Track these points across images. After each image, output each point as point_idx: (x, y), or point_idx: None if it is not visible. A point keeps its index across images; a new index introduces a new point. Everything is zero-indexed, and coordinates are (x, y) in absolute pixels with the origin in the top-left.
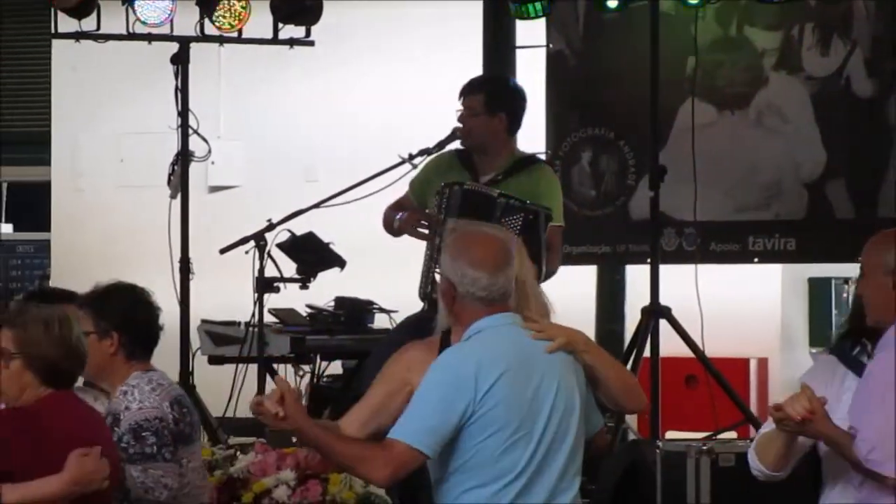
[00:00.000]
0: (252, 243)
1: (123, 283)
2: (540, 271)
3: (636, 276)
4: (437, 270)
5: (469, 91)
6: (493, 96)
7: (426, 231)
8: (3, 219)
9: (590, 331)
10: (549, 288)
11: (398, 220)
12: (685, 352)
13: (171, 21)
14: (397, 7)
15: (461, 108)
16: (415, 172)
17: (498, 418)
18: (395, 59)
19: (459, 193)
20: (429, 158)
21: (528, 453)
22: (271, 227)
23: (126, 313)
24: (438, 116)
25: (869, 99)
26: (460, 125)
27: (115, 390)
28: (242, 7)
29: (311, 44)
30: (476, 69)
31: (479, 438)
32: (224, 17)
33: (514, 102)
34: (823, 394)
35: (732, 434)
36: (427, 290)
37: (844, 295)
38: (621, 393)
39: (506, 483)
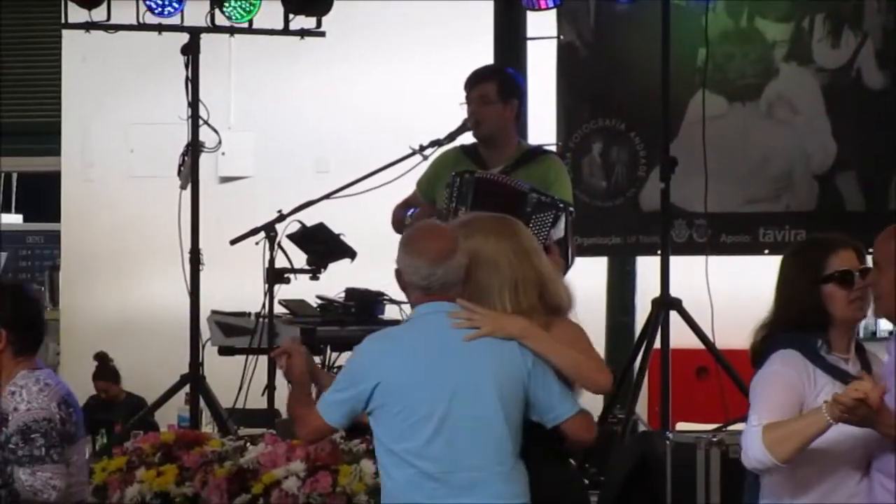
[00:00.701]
0: (262, 234)
1: (9, 280)
2: (567, 266)
3: (647, 268)
4: None
5: (480, 80)
6: (504, 83)
7: None
8: (13, 209)
9: (600, 322)
10: None
11: (409, 216)
12: (696, 343)
13: (182, 12)
14: None
15: (467, 99)
16: (422, 170)
17: (394, 402)
18: (407, 50)
19: (472, 182)
20: (434, 156)
21: (425, 435)
22: (282, 217)
23: (13, 311)
24: (449, 107)
25: (879, 91)
26: (472, 116)
27: (3, 388)
28: None
29: (322, 35)
30: (487, 60)
31: (384, 421)
32: (235, 7)
33: (521, 89)
34: (803, 390)
35: (743, 426)
36: None
37: None
38: (576, 376)
39: (412, 463)
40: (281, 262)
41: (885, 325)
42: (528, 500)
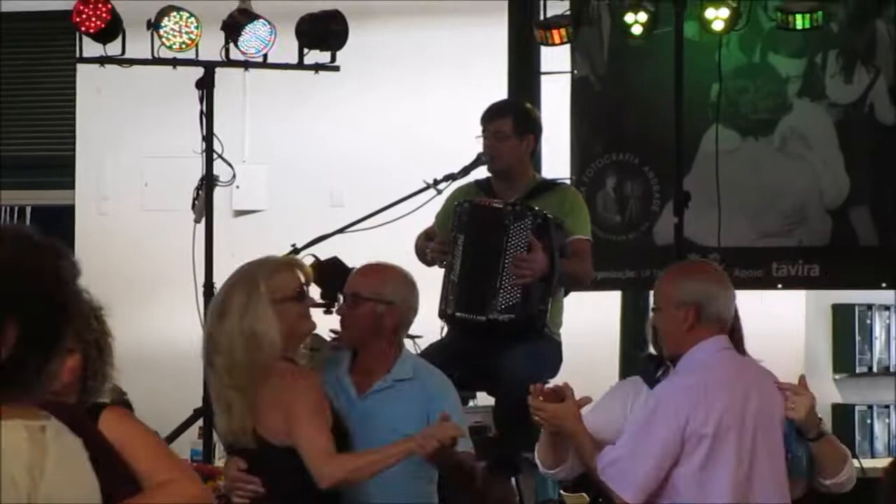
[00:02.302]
0: None
1: None
2: (553, 275)
3: None
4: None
5: (496, 115)
6: (520, 119)
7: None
8: None
9: (614, 356)
10: (574, 314)
11: (429, 251)
12: None
13: (197, 46)
14: (422, 32)
15: (483, 133)
16: (436, 204)
17: None
18: (420, 85)
19: (468, 209)
20: (451, 191)
21: None
22: (296, 251)
23: None
24: (464, 142)
25: (892, 126)
26: (487, 151)
27: None
28: (268, 32)
29: (337, 69)
30: (501, 95)
31: None
32: (249, 42)
33: (537, 125)
34: (623, 410)
35: None
36: (442, 310)
37: (868, 321)
38: None
39: None
40: None
41: None
42: None
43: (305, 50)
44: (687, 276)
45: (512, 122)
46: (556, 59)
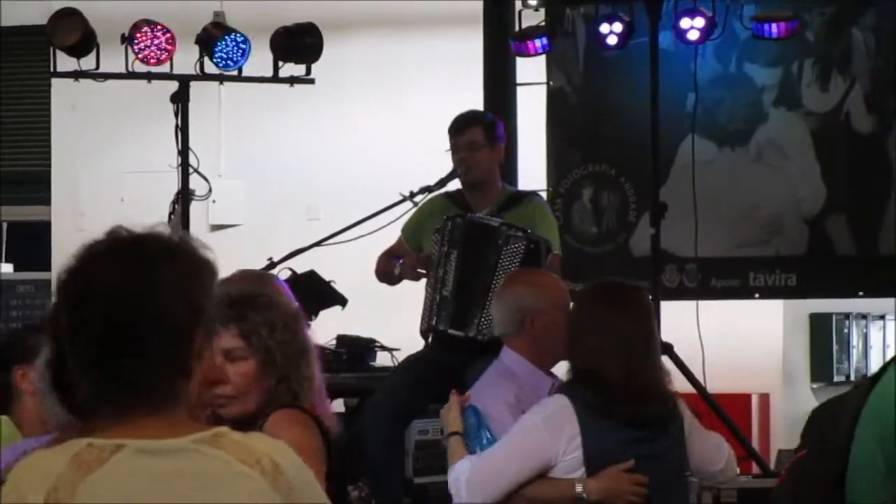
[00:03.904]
0: None
1: None
2: None
3: None
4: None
5: (466, 125)
6: (489, 128)
7: (423, 272)
8: (3, 259)
9: None
10: None
11: (399, 266)
12: (687, 388)
13: (171, 60)
14: (397, 45)
15: (454, 146)
16: (405, 219)
17: None
18: (396, 97)
19: (463, 225)
20: (420, 203)
21: None
22: (272, 265)
23: None
24: (439, 154)
25: (869, 134)
26: (461, 162)
27: None
28: (242, 45)
29: (312, 82)
30: (477, 106)
31: None
32: (224, 55)
33: (502, 135)
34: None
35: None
36: (429, 325)
37: (845, 330)
38: None
39: None
40: None
41: (875, 367)
42: None
43: (280, 63)
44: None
45: (482, 131)
46: (532, 71)
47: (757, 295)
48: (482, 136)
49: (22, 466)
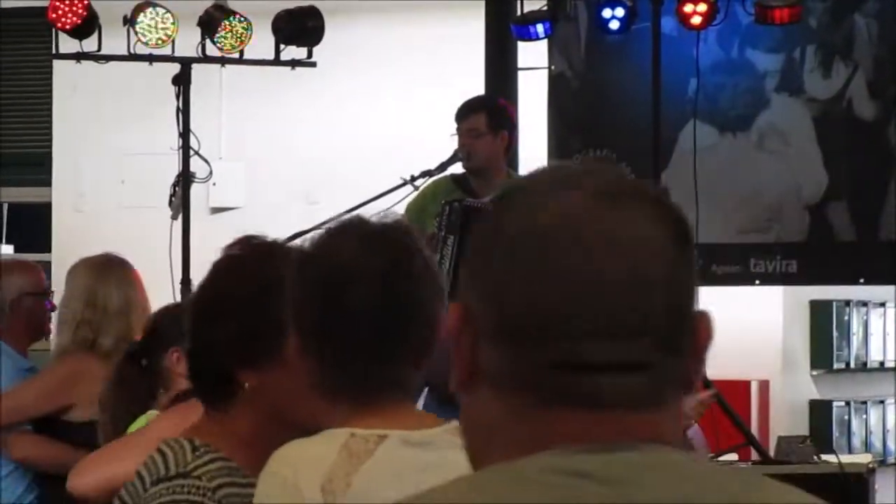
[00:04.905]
0: None
1: None
2: None
3: None
4: None
5: (469, 112)
6: (494, 115)
7: None
8: (4, 240)
9: None
10: None
11: None
12: None
13: (173, 42)
14: (399, 28)
15: (458, 131)
16: (411, 198)
17: None
18: (397, 81)
19: (460, 210)
20: (424, 185)
21: None
22: None
23: None
24: (440, 138)
25: (871, 121)
26: (462, 148)
27: None
28: (244, 28)
29: (313, 65)
30: (478, 91)
31: None
32: (226, 38)
33: (511, 121)
34: None
35: (734, 456)
36: None
37: (846, 318)
38: None
39: None
40: None
41: (876, 355)
42: None
43: (282, 46)
44: None
45: (486, 118)
46: (533, 55)
47: (757, 281)
48: (485, 123)
49: (287, 456)
